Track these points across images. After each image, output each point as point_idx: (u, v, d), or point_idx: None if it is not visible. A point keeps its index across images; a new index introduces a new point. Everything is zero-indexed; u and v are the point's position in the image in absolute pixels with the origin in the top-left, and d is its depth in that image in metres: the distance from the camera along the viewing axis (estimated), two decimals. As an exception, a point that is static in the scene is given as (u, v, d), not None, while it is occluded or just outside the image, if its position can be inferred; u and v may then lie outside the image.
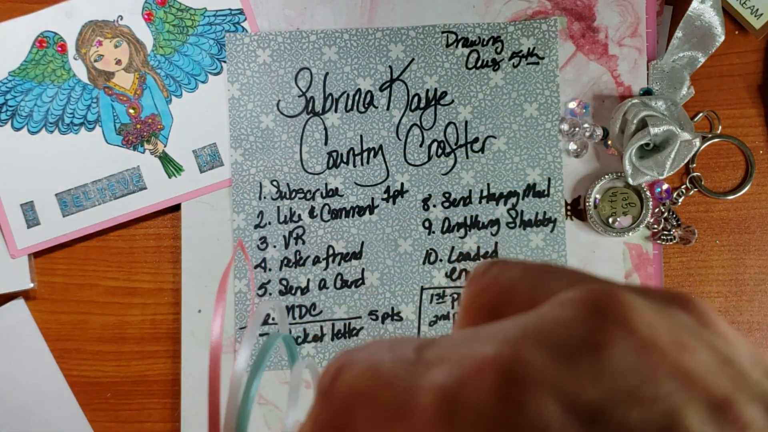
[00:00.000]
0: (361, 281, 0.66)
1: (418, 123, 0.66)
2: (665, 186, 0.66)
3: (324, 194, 0.66)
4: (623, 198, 0.66)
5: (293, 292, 0.66)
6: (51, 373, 0.68)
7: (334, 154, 0.66)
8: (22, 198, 0.68)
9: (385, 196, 0.66)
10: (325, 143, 0.66)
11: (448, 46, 0.66)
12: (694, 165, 0.67)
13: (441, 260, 0.66)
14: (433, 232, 0.66)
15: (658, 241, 0.66)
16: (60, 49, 0.68)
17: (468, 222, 0.66)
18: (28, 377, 0.68)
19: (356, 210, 0.66)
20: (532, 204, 0.66)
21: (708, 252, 0.68)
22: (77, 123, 0.67)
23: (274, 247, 0.66)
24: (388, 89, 0.66)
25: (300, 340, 0.66)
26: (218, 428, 0.26)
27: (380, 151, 0.66)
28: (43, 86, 0.68)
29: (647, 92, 0.65)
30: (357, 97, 0.66)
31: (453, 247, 0.66)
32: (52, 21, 0.68)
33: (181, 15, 0.67)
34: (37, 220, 0.68)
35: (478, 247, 0.66)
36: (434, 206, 0.66)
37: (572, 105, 0.66)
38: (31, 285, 0.68)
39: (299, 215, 0.66)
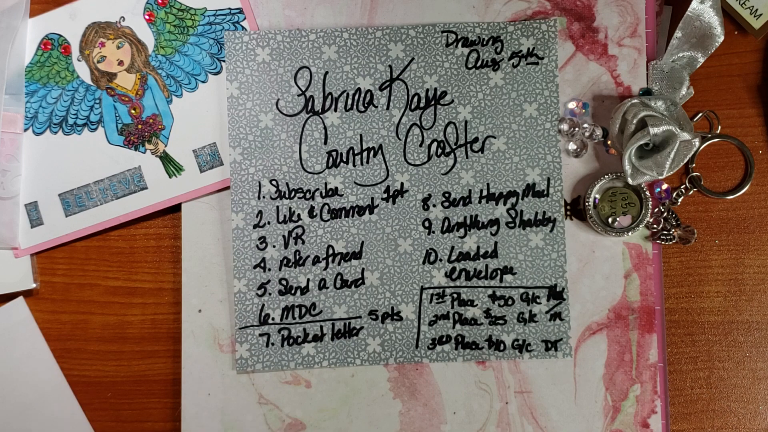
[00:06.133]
0: (361, 281, 0.66)
1: (418, 122, 0.66)
2: (665, 186, 0.66)
3: (324, 194, 0.66)
4: (623, 198, 0.66)
5: (293, 292, 0.66)
6: (51, 373, 0.68)
7: (334, 153, 0.66)
8: (27, 198, 0.68)
9: (385, 195, 0.66)
10: (325, 142, 0.66)
11: (447, 45, 0.66)
12: (694, 165, 0.67)
13: (441, 260, 0.66)
14: (433, 232, 0.66)
15: (658, 241, 0.66)
16: (64, 50, 0.68)
17: (468, 222, 0.66)
18: (28, 377, 0.68)
19: (356, 210, 0.66)
20: (532, 204, 0.66)
21: (707, 252, 0.68)
22: (80, 124, 0.68)
23: (274, 246, 0.66)
24: (388, 89, 0.66)
25: (300, 339, 0.66)
26: None
27: (380, 151, 0.66)
28: (48, 88, 0.68)
29: (647, 92, 0.65)
30: (357, 97, 0.66)
31: (453, 247, 0.66)
32: (57, 23, 0.69)
33: (181, 15, 0.68)
34: (41, 220, 0.68)
35: (478, 247, 0.66)
36: (434, 206, 0.66)
37: (572, 105, 0.66)
38: (34, 285, 0.69)
39: (299, 215, 0.66)
